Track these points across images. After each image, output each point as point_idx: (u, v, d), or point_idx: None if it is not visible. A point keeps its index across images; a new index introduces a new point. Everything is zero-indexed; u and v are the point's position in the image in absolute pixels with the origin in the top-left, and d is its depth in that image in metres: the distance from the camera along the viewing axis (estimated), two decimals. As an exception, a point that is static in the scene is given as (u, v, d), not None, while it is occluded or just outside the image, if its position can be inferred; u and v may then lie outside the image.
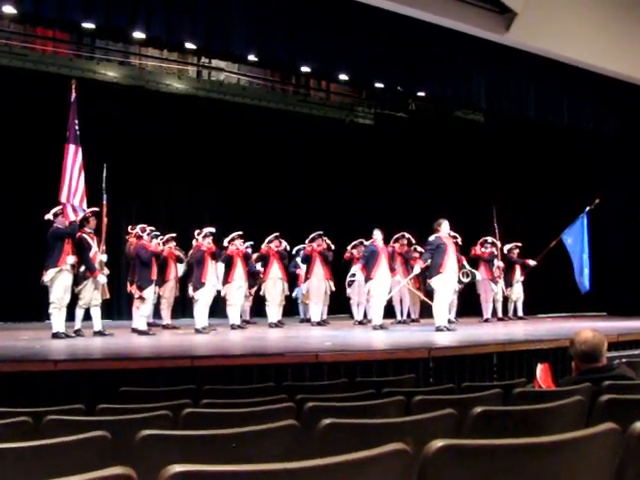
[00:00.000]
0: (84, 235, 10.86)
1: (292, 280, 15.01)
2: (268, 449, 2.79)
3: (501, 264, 14.92)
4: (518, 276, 15.36)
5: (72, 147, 10.65)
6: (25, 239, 13.76)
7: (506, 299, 15.43)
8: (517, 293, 15.47)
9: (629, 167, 16.50)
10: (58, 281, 10.27)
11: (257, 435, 2.83)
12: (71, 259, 10.35)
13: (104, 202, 11.16)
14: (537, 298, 15.75)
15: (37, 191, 13.24)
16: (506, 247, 15.24)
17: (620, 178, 16.78)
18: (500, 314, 15.17)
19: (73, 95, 10.95)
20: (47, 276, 10.29)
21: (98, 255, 10.87)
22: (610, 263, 16.73)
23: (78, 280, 10.80)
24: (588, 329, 4.49)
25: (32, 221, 11.98)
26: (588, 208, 14.77)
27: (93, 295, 10.91)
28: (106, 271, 11.06)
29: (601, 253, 16.84)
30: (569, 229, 14.92)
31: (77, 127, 10.77)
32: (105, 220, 11.12)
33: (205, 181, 16.77)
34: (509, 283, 15.25)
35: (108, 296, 11.29)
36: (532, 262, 15.12)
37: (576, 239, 14.87)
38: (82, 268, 10.78)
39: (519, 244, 15.37)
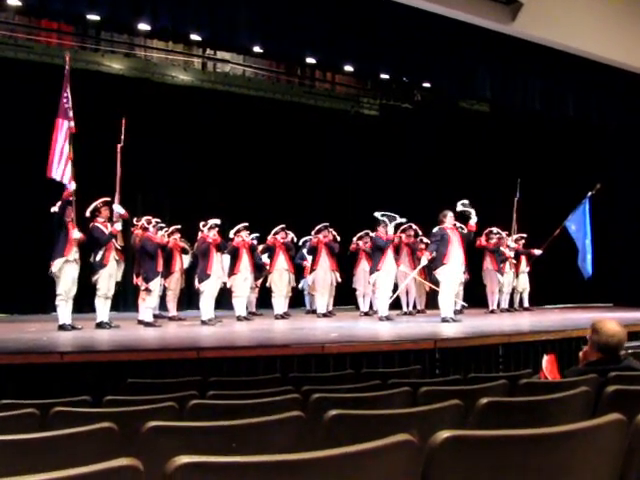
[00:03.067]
0: (97, 224, 10.89)
1: (298, 271, 15.02)
2: (274, 440, 2.79)
3: (512, 254, 14.94)
4: (524, 267, 15.35)
5: (63, 122, 10.44)
6: (30, 232, 13.81)
7: (512, 290, 15.42)
8: (523, 284, 15.46)
9: (634, 159, 16.47)
10: (65, 273, 10.27)
11: (263, 426, 2.83)
12: (75, 252, 10.34)
13: (118, 152, 11.39)
14: (543, 289, 15.75)
15: (42, 183, 13.20)
16: (511, 238, 15.24)
17: (625, 169, 16.77)
18: (506, 305, 15.15)
19: (67, 68, 10.80)
20: (55, 267, 10.27)
21: (113, 245, 10.91)
22: (616, 254, 16.73)
23: (93, 270, 10.81)
24: (614, 321, 4.46)
25: (37, 213, 12.02)
26: (590, 193, 14.76)
27: (110, 284, 10.93)
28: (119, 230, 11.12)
29: (607, 244, 16.83)
30: (572, 216, 14.90)
31: (67, 100, 10.58)
32: (119, 171, 11.27)
33: (211, 173, 16.77)
34: (515, 275, 15.24)
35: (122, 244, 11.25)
36: (537, 251, 15.13)
37: (579, 225, 14.86)
38: (97, 258, 10.80)
39: (524, 235, 15.36)
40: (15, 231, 14.37)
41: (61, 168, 10.23)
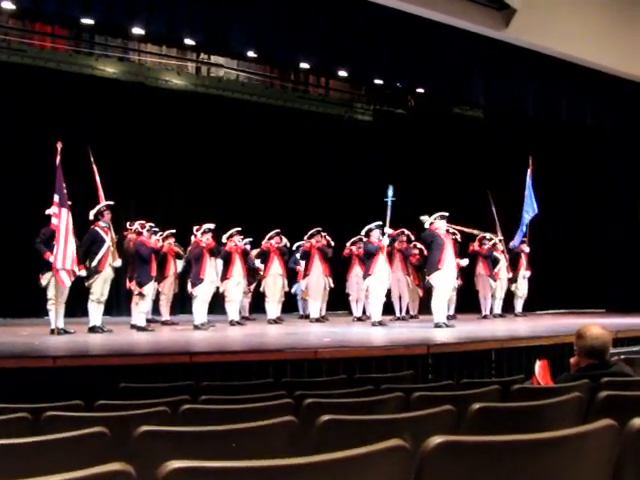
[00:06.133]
0: (97, 229, 10.88)
1: (292, 276, 15.01)
2: (266, 445, 2.79)
3: (505, 263, 14.90)
4: (524, 271, 15.26)
5: (64, 210, 10.20)
6: (24, 235, 13.74)
7: (510, 295, 15.36)
8: (523, 289, 15.35)
9: (628, 163, 16.52)
10: (54, 278, 10.26)
11: (255, 431, 2.83)
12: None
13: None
14: (536, 295, 15.75)
15: (36, 186, 13.20)
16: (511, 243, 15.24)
17: (619, 174, 16.80)
18: (499, 310, 15.13)
19: (58, 158, 10.46)
20: (44, 280, 10.32)
21: (110, 250, 10.88)
22: (609, 259, 16.76)
23: (89, 274, 10.79)
24: (597, 325, 4.48)
25: (31, 216, 11.98)
26: (529, 171, 14.98)
27: (103, 289, 10.91)
28: (118, 262, 11.07)
29: (600, 249, 16.89)
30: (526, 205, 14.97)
31: (65, 190, 10.33)
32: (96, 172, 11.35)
33: (204, 177, 16.77)
34: (514, 279, 15.18)
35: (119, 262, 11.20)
36: (526, 249, 15.12)
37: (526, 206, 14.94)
38: (94, 263, 10.78)
39: (524, 239, 15.32)
40: (8, 234, 14.33)
41: (68, 258, 10.09)
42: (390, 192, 12.83)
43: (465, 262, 13.19)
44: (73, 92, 14.99)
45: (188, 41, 12.39)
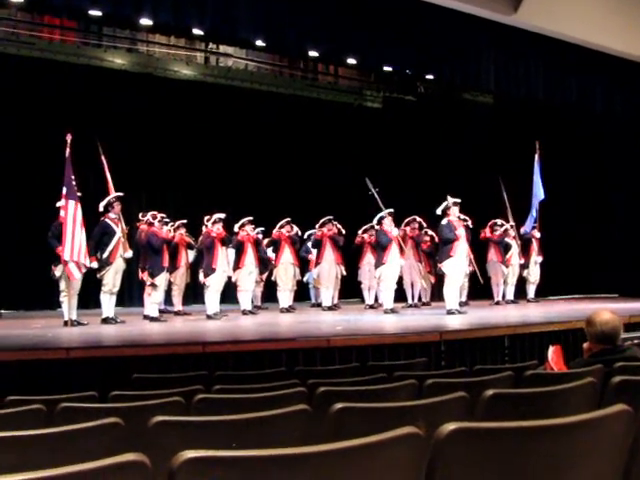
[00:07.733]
0: (107, 220, 10.92)
1: (303, 265, 15.01)
2: (280, 434, 2.79)
3: (516, 249, 14.80)
4: (535, 256, 15.17)
5: (72, 203, 10.29)
6: (36, 227, 13.81)
7: (522, 281, 15.30)
8: (535, 275, 15.28)
9: (639, 147, 16.41)
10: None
11: (269, 420, 2.83)
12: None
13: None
14: (548, 280, 15.69)
15: (47, 178, 13.23)
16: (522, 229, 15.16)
17: (629, 158, 16.71)
18: (512, 296, 15.06)
19: (68, 151, 10.53)
20: (57, 271, 10.37)
21: (121, 242, 10.92)
22: (620, 244, 16.68)
23: (100, 266, 10.83)
24: (606, 310, 4.47)
25: (43, 209, 12.02)
26: (537, 156, 14.91)
27: (115, 281, 10.95)
28: (129, 253, 11.10)
29: (611, 234, 16.81)
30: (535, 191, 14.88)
31: (74, 182, 10.44)
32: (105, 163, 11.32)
33: (215, 167, 16.77)
34: (526, 265, 15.10)
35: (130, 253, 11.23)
36: (537, 234, 15.02)
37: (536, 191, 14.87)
38: (105, 255, 10.82)
39: (535, 225, 15.24)
40: (21, 227, 14.40)
41: (76, 250, 10.16)
42: (369, 184, 12.91)
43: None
44: (82, 84, 15.00)
45: (196, 31, 12.37)
